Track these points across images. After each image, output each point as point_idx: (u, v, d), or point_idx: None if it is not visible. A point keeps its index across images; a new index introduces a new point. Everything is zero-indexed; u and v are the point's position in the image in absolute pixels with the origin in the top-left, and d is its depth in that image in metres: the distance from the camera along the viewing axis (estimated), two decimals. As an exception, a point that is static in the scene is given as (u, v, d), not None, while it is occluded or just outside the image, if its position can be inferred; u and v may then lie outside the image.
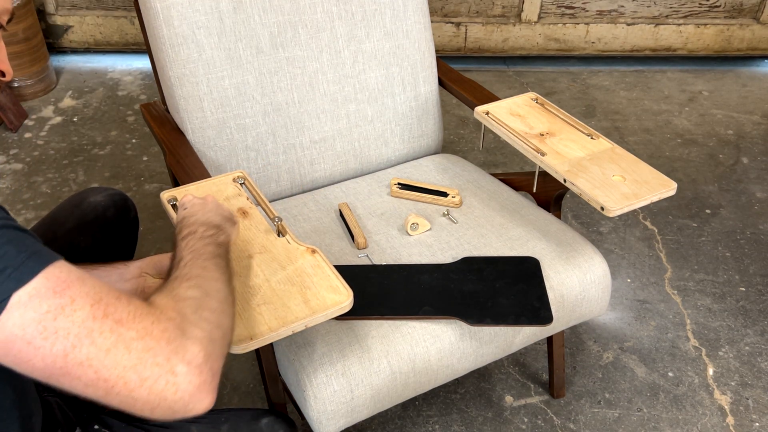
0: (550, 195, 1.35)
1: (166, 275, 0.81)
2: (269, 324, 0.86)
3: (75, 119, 2.46)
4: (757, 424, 1.49)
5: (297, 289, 0.91)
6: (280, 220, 1.02)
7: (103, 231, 1.18)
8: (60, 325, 0.61)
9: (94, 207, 1.18)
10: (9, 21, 0.73)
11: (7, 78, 0.77)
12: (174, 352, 0.65)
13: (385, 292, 1.14)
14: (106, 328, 0.63)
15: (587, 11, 2.77)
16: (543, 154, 1.22)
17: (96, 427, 0.96)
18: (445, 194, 1.36)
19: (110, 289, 0.66)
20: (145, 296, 0.73)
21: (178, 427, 0.97)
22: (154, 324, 0.66)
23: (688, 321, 1.73)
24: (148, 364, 0.64)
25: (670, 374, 1.59)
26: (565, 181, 1.17)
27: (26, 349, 0.61)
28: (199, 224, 0.88)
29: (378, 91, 1.44)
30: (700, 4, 2.77)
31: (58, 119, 2.46)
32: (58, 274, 0.63)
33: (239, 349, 0.83)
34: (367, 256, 1.23)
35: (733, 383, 1.58)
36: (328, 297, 0.90)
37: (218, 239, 0.87)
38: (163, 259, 1.01)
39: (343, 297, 0.90)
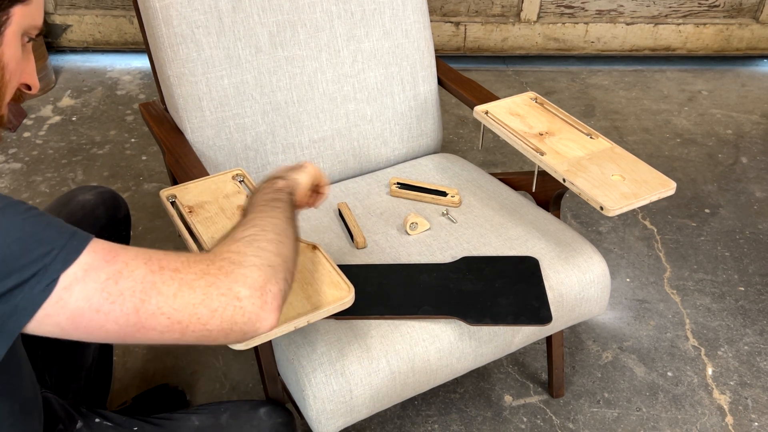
0: (549, 194, 1.35)
1: None
2: (269, 322, 0.86)
3: (74, 118, 2.46)
4: (756, 423, 1.49)
5: (298, 286, 0.91)
6: None
7: (94, 230, 1.16)
8: (124, 286, 0.64)
9: (83, 205, 1.15)
10: (38, 34, 0.74)
11: (33, 91, 0.77)
12: (234, 281, 0.69)
13: (384, 291, 1.14)
14: (167, 277, 0.66)
15: (586, 11, 2.77)
16: (542, 154, 1.22)
17: (97, 420, 0.96)
18: (444, 194, 1.36)
19: (153, 250, 0.70)
20: None
21: (179, 417, 0.98)
22: (209, 266, 0.70)
23: (687, 320, 1.73)
24: (214, 296, 0.67)
25: (669, 374, 1.59)
26: (564, 180, 1.16)
27: (96, 317, 0.63)
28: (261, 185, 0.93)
29: (377, 91, 1.44)
30: (699, 3, 2.77)
31: (57, 118, 2.45)
32: (102, 246, 0.66)
33: (240, 345, 0.83)
34: (366, 255, 1.23)
35: (732, 383, 1.58)
36: (329, 293, 0.90)
37: (275, 186, 0.90)
38: None
39: (344, 293, 0.90)
